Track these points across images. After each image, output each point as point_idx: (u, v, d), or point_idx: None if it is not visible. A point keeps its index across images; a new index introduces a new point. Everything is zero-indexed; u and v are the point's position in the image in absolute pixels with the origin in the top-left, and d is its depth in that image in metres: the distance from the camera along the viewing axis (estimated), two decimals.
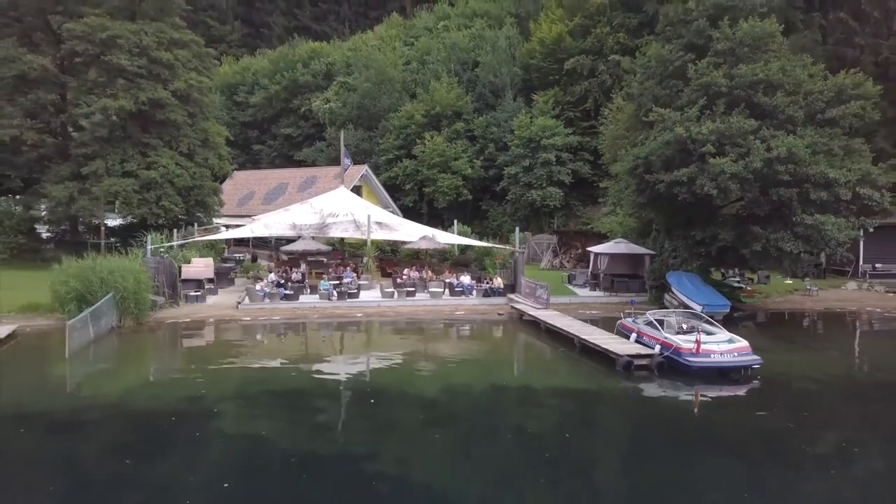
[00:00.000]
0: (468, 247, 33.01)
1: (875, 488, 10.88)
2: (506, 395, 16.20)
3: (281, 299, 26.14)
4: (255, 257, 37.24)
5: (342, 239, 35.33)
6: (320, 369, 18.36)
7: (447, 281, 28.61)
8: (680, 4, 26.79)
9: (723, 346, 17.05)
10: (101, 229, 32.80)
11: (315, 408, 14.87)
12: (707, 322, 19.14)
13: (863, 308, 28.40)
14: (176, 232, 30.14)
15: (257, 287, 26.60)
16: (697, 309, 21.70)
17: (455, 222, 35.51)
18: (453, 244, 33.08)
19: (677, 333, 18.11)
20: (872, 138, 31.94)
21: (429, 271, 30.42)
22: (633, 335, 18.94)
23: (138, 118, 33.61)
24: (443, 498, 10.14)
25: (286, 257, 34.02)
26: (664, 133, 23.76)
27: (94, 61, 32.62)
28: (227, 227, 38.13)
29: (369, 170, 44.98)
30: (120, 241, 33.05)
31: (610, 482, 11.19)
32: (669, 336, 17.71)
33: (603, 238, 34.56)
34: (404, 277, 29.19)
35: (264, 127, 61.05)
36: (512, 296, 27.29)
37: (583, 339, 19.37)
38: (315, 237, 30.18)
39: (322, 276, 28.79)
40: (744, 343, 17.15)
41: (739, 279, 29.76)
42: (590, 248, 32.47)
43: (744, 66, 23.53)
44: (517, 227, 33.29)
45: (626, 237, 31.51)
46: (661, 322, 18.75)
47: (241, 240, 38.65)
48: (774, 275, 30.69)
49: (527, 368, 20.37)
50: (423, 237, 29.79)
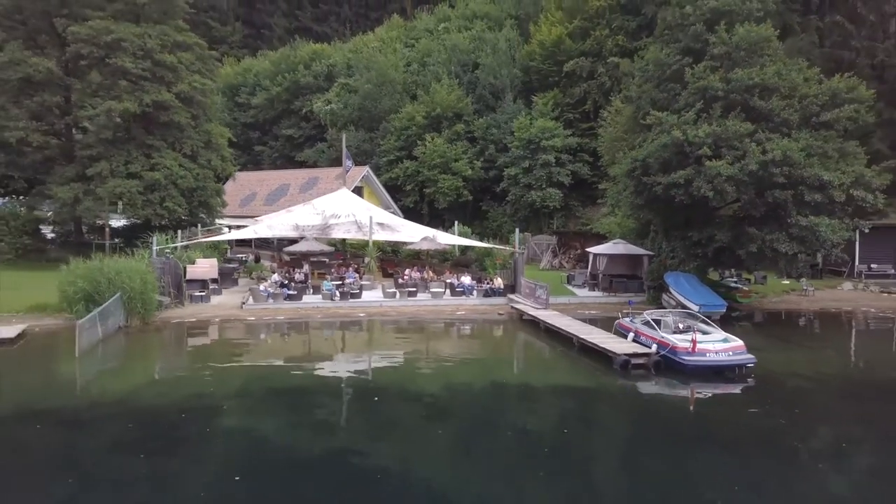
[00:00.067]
0: (469, 247, 33.32)
1: (862, 482, 11.29)
2: (506, 393, 16.61)
3: (284, 299, 26.50)
4: (258, 258, 37.58)
5: (344, 240, 35.66)
6: (324, 368, 18.80)
7: (448, 281, 28.97)
8: (677, 9, 27.11)
9: (718, 345, 17.43)
10: (105, 230, 33.13)
11: (320, 405, 15.27)
12: (703, 322, 19.49)
13: (858, 308, 28.78)
14: (180, 233, 30.53)
15: (261, 287, 26.96)
16: (694, 309, 22.03)
17: (455, 223, 35.79)
18: (454, 245, 33.42)
19: (674, 333, 18.46)
20: (868, 140, 32.20)
21: (430, 272, 30.77)
22: (631, 335, 19.31)
23: (142, 120, 33.91)
24: (445, 490, 10.53)
25: (288, 258, 34.40)
26: (662, 136, 24.11)
27: (98, 64, 32.90)
28: (230, 227, 38.49)
29: (370, 171, 45.29)
30: (124, 241, 33.51)
31: (607, 476, 11.59)
32: (666, 335, 18.08)
33: (602, 239, 34.76)
34: (406, 278, 29.54)
35: (266, 128, 61.34)
36: (512, 296, 27.66)
37: (581, 339, 19.75)
38: (317, 238, 30.52)
39: (325, 277, 29.14)
40: (738, 342, 17.53)
41: (736, 279, 30.09)
42: (589, 249, 32.67)
43: (740, 71, 23.85)
44: (517, 227, 33.66)
45: (625, 238, 31.73)
46: (658, 322, 19.11)
47: (243, 240, 38.97)
48: (771, 275, 31.04)
49: (526, 367, 20.78)
50: (425, 238, 30.11)
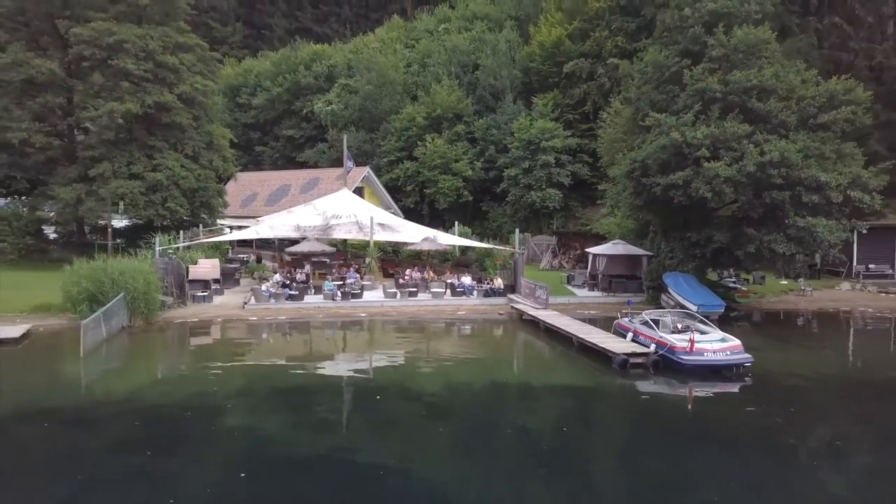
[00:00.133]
0: (469, 248, 33.52)
1: (857, 480, 11.47)
2: (506, 392, 16.80)
3: (286, 299, 26.71)
4: (259, 258, 37.79)
5: (345, 240, 35.86)
6: (327, 367, 19.01)
7: (448, 281, 29.17)
8: (676, 11, 27.31)
9: (716, 344, 17.64)
10: (108, 230, 33.34)
11: (323, 404, 15.49)
12: (701, 322, 19.69)
13: (856, 308, 28.97)
14: (182, 233, 30.73)
15: (263, 288, 27.16)
16: (693, 309, 22.22)
17: (456, 223, 35.98)
18: (454, 245, 33.62)
19: (672, 333, 18.64)
20: (866, 141, 32.39)
21: (430, 272, 30.97)
22: (630, 334, 19.51)
23: (144, 121, 34.11)
24: (446, 487, 10.71)
25: (289, 258, 34.60)
26: (660, 137, 24.31)
27: (100, 65, 33.12)
28: (231, 228, 38.70)
29: (371, 171, 45.50)
30: (126, 242, 33.71)
31: (606, 473, 11.78)
32: (664, 335, 18.27)
33: (601, 239, 34.93)
34: (406, 278, 29.74)
35: (266, 128, 61.55)
36: (512, 296, 27.86)
37: (581, 339, 19.94)
38: (319, 238, 30.71)
39: (326, 277, 29.34)
40: (736, 342, 17.73)
41: (735, 280, 30.28)
42: (588, 249, 32.83)
43: (738, 73, 24.03)
44: (517, 228, 33.86)
45: (624, 238, 31.89)
46: (656, 322, 19.32)
47: (244, 241, 39.18)
48: (769, 275, 31.23)
49: (526, 366, 20.98)
50: (426, 238, 30.31)
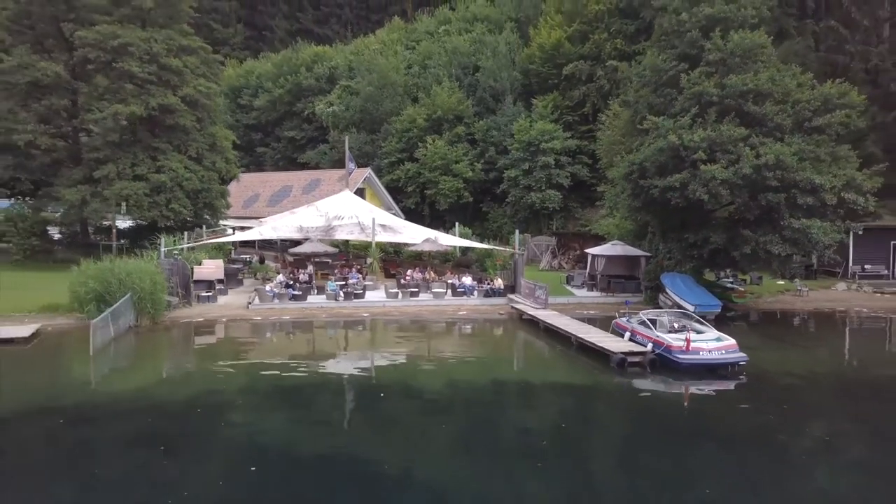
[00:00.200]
0: (469, 249, 33.91)
1: (844, 475, 11.89)
2: (506, 390, 17.21)
3: (290, 299, 27.10)
4: (262, 259, 38.17)
5: (347, 241, 36.25)
6: (331, 366, 19.40)
7: (449, 282, 29.57)
8: (674, 16, 27.69)
9: (711, 344, 18.04)
10: (112, 231, 33.73)
11: (329, 401, 15.92)
12: (697, 321, 20.10)
13: (851, 308, 29.33)
14: (187, 234, 31.12)
15: (267, 288, 27.57)
16: (690, 309, 22.61)
17: (456, 224, 36.36)
18: (455, 246, 34.00)
19: (669, 332, 19.04)
20: (862, 143, 32.80)
21: (431, 272, 31.37)
22: (627, 334, 19.90)
23: (148, 123, 34.48)
24: (448, 480, 11.11)
25: (292, 258, 35.00)
26: (658, 140, 24.71)
27: (105, 68, 33.46)
28: (234, 229, 39.08)
29: (372, 172, 45.90)
30: (129, 242, 34.11)
31: (603, 468, 12.19)
32: (661, 335, 18.68)
33: (600, 240, 35.22)
34: (408, 278, 30.13)
35: (268, 129, 61.96)
36: (512, 296, 28.24)
37: (579, 338, 20.34)
38: (321, 239, 31.09)
39: (328, 277, 29.73)
40: (731, 341, 18.13)
41: (732, 280, 30.69)
42: (587, 250, 33.16)
43: (734, 77, 24.40)
44: (517, 228, 34.27)
45: (623, 239, 32.21)
46: (653, 321, 19.71)
47: (247, 241, 39.58)
48: (766, 276, 31.63)
49: (526, 365, 21.38)
50: (427, 239, 30.68)
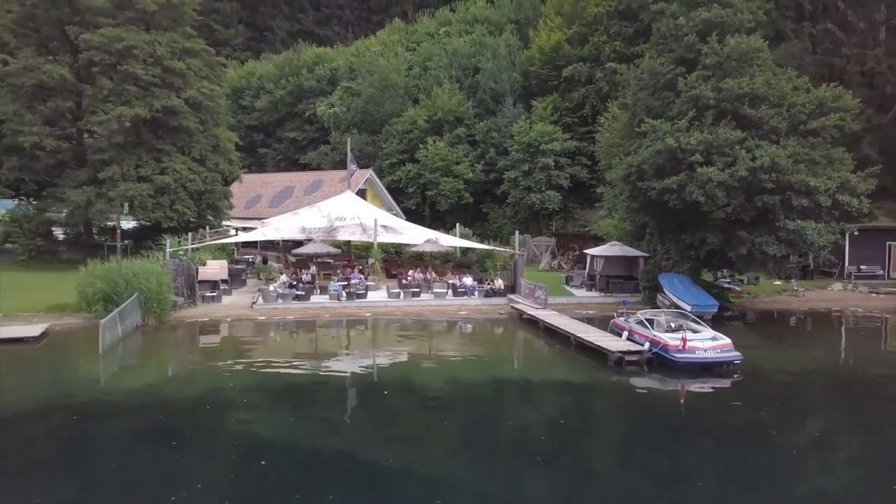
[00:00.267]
0: (470, 249, 34.30)
1: (832, 467, 12.31)
2: (506, 388, 17.61)
3: (293, 300, 27.48)
4: (265, 259, 38.57)
5: (348, 241, 36.64)
6: (335, 365, 19.81)
7: (450, 282, 29.96)
8: (671, 20, 28.09)
9: (707, 343, 18.44)
10: (116, 232, 34.11)
11: (334, 399, 16.33)
12: (694, 321, 20.51)
13: (847, 308, 29.74)
14: (191, 235, 31.53)
15: (271, 288, 27.96)
16: (687, 309, 23.00)
17: (457, 225, 36.74)
18: (456, 247, 34.39)
19: (666, 332, 19.45)
20: (858, 145, 33.22)
21: (432, 273, 31.76)
22: (625, 333, 20.28)
23: (152, 125, 34.87)
24: (450, 474, 11.52)
25: (294, 259, 35.40)
26: (656, 143, 25.10)
27: (109, 70, 33.87)
28: (237, 229, 39.47)
29: (373, 173, 46.26)
30: (133, 243, 34.52)
31: (600, 461, 12.62)
32: (658, 334, 19.08)
33: (599, 240, 35.53)
34: (409, 279, 30.53)
35: (269, 130, 62.32)
36: (512, 296, 28.63)
37: (578, 337, 20.74)
38: (323, 240, 31.48)
39: (331, 278, 30.12)
40: (726, 340, 18.53)
41: (730, 280, 31.09)
42: (587, 251, 33.47)
43: (731, 80, 24.78)
44: (517, 229, 34.65)
45: (622, 240, 32.52)
46: (650, 321, 20.10)
47: (249, 242, 39.95)
48: (762, 276, 32.00)
49: (526, 364, 21.79)
50: (428, 240, 31.08)
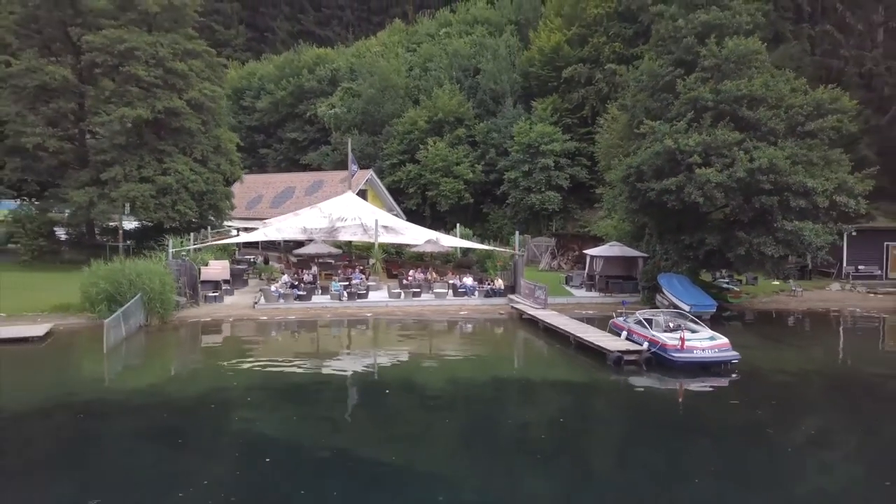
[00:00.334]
0: (470, 249, 34.51)
1: (826, 464, 12.52)
2: (507, 387, 17.82)
3: (295, 300, 27.69)
4: (266, 259, 38.78)
5: (349, 242, 36.84)
6: (336, 364, 20.02)
7: (451, 282, 30.17)
8: (670, 22, 28.27)
9: (704, 342, 18.65)
10: (119, 232, 34.31)
11: (337, 397, 16.55)
12: (692, 321, 20.71)
13: (844, 308, 29.97)
14: (193, 235, 31.73)
15: (272, 288, 28.17)
16: (685, 309, 23.21)
17: (457, 225, 36.95)
18: (456, 247, 34.60)
19: (664, 331, 19.66)
20: (856, 146, 33.43)
21: (433, 273, 31.97)
22: (624, 333, 20.50)
23: (154, 126, 35.05)
24: (452, 469, 11.72)
25: (295, 259, 35.59)
26: (654, 144, 25.30)
27: (112, 72, 34.08)
28: (238, 230, 39.66)
29: (374, 174, 46.47)
30: (135, 243, 34.71)
31: (599, 458, 12.83)
32: (656, 334, 19.29)
33: (599, 241, 35.70)
34: (410, 279, 30.74)
35: (270, 131, 62.52)
36: (512, 296, 28.84)
37: (578, 337, 20.95)
38: (324, 240, 31.67)
39: (332, 278, 30.32)
40: (724, 340, 18.74)
41: (728, 280, 31.30)
42: (586, 251, 33.67)
43: (729, 82, 24.96)
44: (517, 230, 34.83)
45: (621, 240, 32.72)
46: (649, 321, 20.31)
47: (250, 242, 40.15)
48: (761, 276, 32.21)
49: (526, 363, 22.00)
50: (428, 240, 31.29)
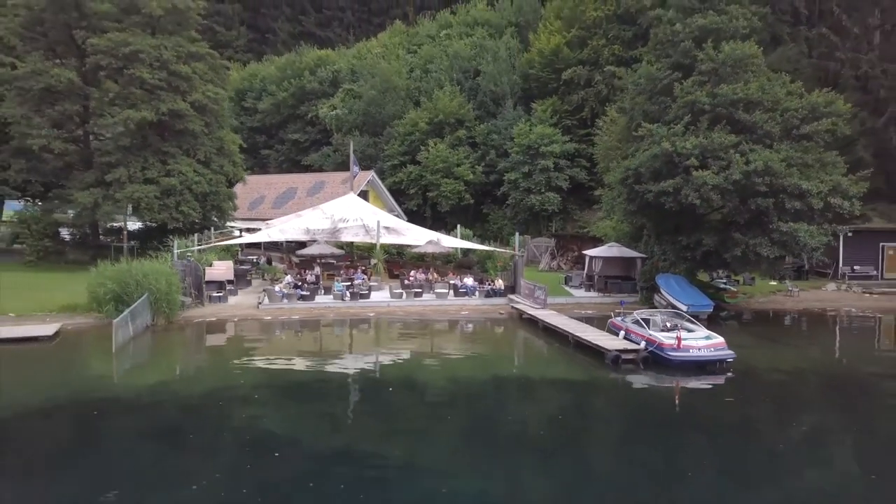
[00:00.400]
0: (471, 250, 34.91)
1: (818, 460, 12.91)
2: (507, 385, 18.21)
3: (298, 300, 28.08)
4: (269, 260, 39.17)
5: (351, 242, 37.23)
6: (340, 363, 20.42)
7: (451, 282, 30.57)
8: (668, 26, 28.69)
9: (701, 342, 19.05)
10: (123, 233, 34.69)
11: (341, 395, 16.94)
12: (689, 321, 21.10)
13: (840, 308, 30.38)
14: (197, 236, 32.12)
15: (276, 288, 28.57)
16: (683, 309, 23.59)
17: (458, 226, 37.35)
18: (457, 248, 34.99)
19: (661, 331, 20.05)
20: (852, 148, 33.86)
21: (434, 273, 32.37)
22: (622, 332, 20.89)
23: (158, 128, 35.42)
24: (454, 465, 12.11)
25: (298, 260, 35.97)
26: (652, 146, 25.71)
27: (116, 74, 34.42)
28: (241, 230, 40.05)
29: (375, 175, 46.89)
30: (139, 243, 35.10)
31: (597, 455, 13.20)
32: (654, 333, 19.68)
33: (598, 242, 36.13)
34: (411, 279, 31.13)
35: (272, 132, 62.93)
36: (512, 296, 29.23)
37: (577, 336, 21.35)
38: (327, 241, 32.06)
39: (335, 278, 30.70)
40: (720, 339, 19.14)
41: (726, 281, 31.69)
42: (585, 251, 34.12)
43: (726, 86, 25.37)
44: (517, 230, 35.23)
45: (620, 241, 33.13)
46: (647, 321, 20.70)
47: (253, 243, 40.52)
48: (758, 277, 32.63)
49: (525, 362, 22.39)
50: (429, 241, 31.70)
